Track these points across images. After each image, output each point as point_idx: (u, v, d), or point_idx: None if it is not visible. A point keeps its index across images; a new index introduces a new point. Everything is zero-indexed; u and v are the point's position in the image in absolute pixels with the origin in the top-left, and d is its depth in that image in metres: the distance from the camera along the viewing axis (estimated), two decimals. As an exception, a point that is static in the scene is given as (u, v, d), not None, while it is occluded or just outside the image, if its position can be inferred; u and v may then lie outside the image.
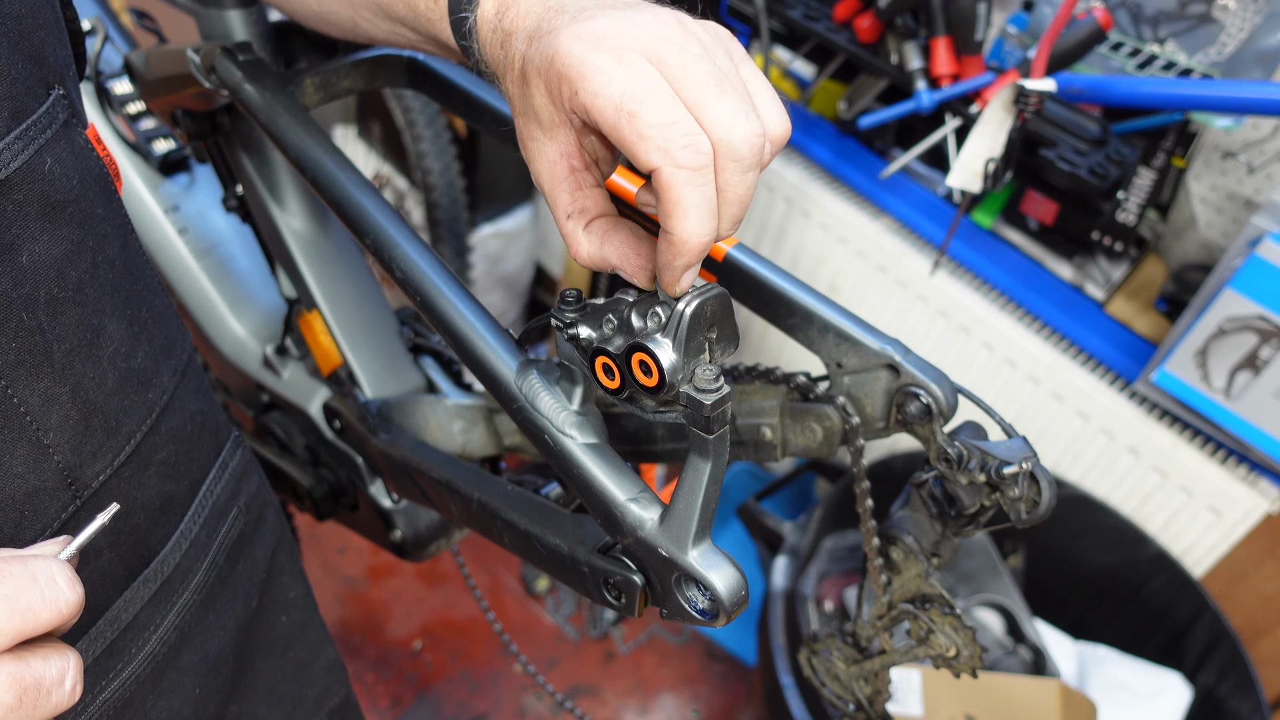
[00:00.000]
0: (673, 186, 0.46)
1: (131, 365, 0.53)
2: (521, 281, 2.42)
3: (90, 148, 0.50)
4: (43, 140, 0.46)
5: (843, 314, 0.68)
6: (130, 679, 0.57)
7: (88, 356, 0.50)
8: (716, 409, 0.51)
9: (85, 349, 0.49)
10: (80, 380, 0.49)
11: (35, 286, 0.46)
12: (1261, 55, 1.31)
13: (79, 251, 0.48)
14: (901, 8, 1.29)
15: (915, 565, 0.70)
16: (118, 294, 0.52)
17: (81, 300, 0.49)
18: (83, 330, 0.49)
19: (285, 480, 1.06)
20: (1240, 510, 1.38)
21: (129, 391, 0.53)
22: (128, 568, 0.56)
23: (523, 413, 0.62)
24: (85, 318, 0.49)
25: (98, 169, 0.51)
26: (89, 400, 0.50)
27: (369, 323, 1.02)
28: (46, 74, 0.47)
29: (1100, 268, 1.57)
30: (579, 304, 0.57)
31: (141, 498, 0.55)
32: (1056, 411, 1.53)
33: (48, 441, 0.48)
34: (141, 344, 0.54)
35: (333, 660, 0.80)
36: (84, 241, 0.48)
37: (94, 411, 0.50)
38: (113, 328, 0.51)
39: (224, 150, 0.98)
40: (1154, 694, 1.46)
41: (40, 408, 0.47)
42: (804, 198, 1.72)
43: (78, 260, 0.48)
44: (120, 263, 0.52)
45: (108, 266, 0.51)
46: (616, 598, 0.62)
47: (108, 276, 0.51)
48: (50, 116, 0.46)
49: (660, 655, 1.95)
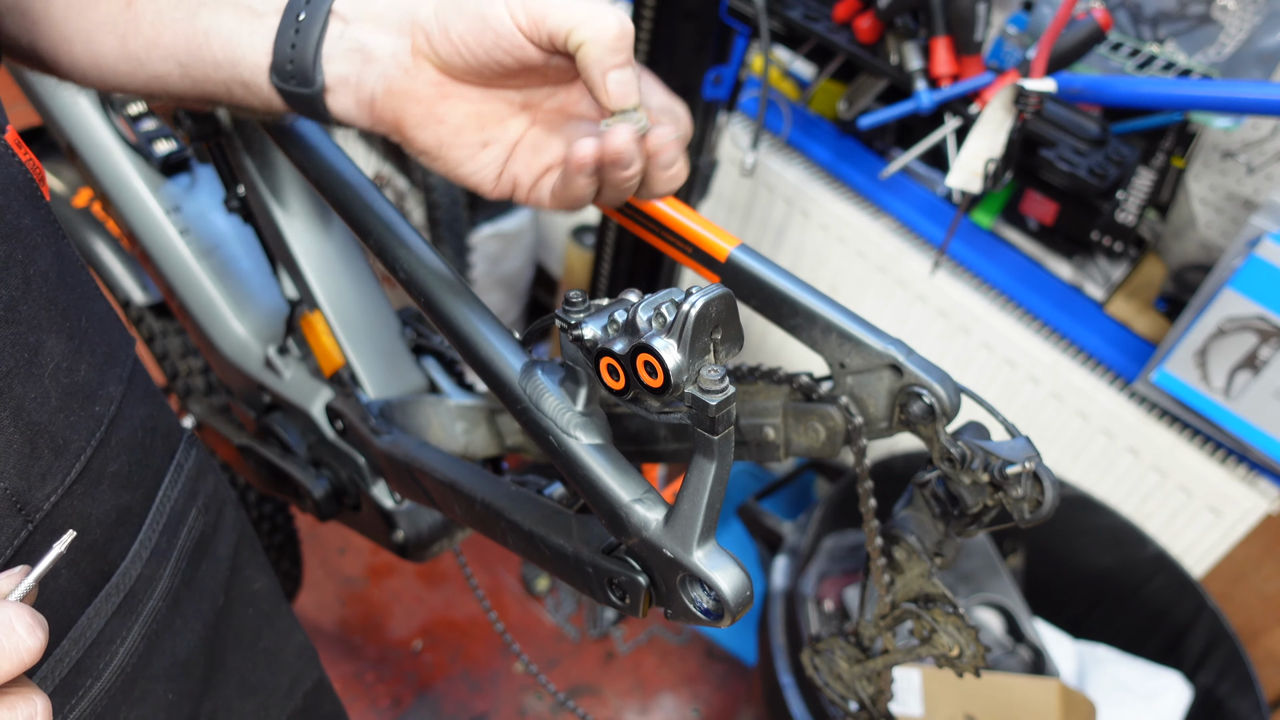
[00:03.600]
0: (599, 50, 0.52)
1: (75, 380, 0.50)
2: (522, 281, 2.42)
3: (11, 153, 0.47)
4: None
5: (845, 314, 0.68)
6: (100, 694, 0.55)
7: (27, 377, 0.47)
8: (722, 410, 0.51)
9: (24, 369, 0.47)
10: (21, 402, 0.47)
11: None
12: (1261, 55, 1.31)
13: (7, 267, 0.45)
14: (901, 8, 1.29)
15: (918, 565, 0.70)
16: (54, 306, 0.49)
17: (15, 319, 0.46)
18: (19, 350, 0.46)
19: (287, 481, 1.06)
20: (1240, 510, 1.38)
21: (74, 407, 0.51)
22: (88, 584, 0.54)
23: (527, 413, 0.62)
24: (21, 336, 0.46)
25: (21, 176, 0.48)
26: (32, 422, 0.47)
27: (371, 323, 1.02)
28: None
29: (1100, 268, 1.57)
30: (584, 304, 0.58)
31: (97, 514, 0.53)
32: (1056, 411, 1.53)
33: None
34: (84, 356, 0.51)
35: (303, 645, 0.79)
36: (12, 256, 0.46)
37: (39, 433, 0.48)
38: (51, 343, 0.48)
39: (225, 151, 0.98)
40: (1154, 694, 1.46)
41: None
42: (804, 198, 1.72)
43: (7, 277, 0.45)
44: (54, 273, 0.49)
45: (40, 279, 0.48)
46: (621, 598, 0.63)
47: (41, 289, 0.48)
48: None
49: (660, 655, 1.95)
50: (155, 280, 1.12)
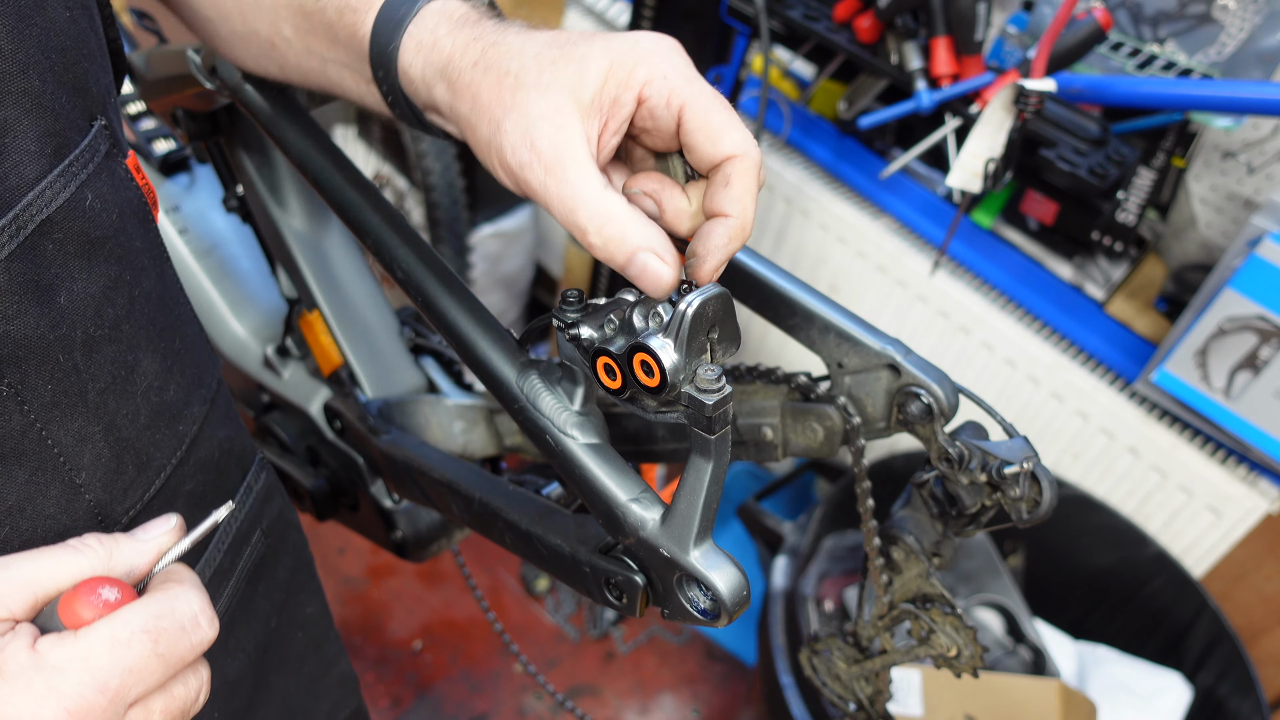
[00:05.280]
0: (753, 170, 0.50)
1: (164, 399, 0.52)
2: (521, 281, 2.42)
3: (130, 178, 0.49)
4: (84, 175, 0.44)
5: (844, 314, 0.68)
6: None
7: (122, 393, 0.48)
8: (718, 409, 0.51)
9: (119, 386, 0.48)
10: (114, 418, 0.48)
11: (72, 327, 0.44)
12: (1261, 55, 1.31)
13: (116, 288, 0.47)
14: (901, 8, 1.29)
15: (916, 565, 0.70)
16: (152, 327, 0.50)
17: (117, 337, 0.47)
18: (117, 368, 0.48)
19: (286, 480, 1.06)
20: (1240, 510, 1.38)
21: (161, 425, 0.52)
22: None
23: (524, 413, 0.62)
24: (120, 355, 0.48)
25: (137, 200, 0.49)
26: (122, 437, 0.49)
27: (370, 323, 1.02)
28: (89, 104, 0.45)
29: (1100, 268, 1.57)
30: (581, 304, 0.57)
31: None
32: (1056, 411, 1.53)
33: (80, 481, 0.47)
34: (174, 376, 0.53)
35: (345, 673, 0.80)
36: (121, 277, 0.47)
37: (126, 448, 0.49)
38: (147, 362, 0.50)
39: (224, 150, 0.98)
40: (1154, 694, 1.46)
41: (74, 448, 0.46)
42: (804, 198, 1.72)
43: (115, 297, 0.47)
44: (156, 295, 0.51)
45: (144, 300, 0.49)
46: (618, 598, 0.62)
47: (144, 310, 0.49)
48: (92, 150, 0.45)
49: (660, 655, 1.95)
50: (154, 280, 1.12)
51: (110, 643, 0.40)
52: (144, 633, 0.41)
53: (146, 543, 0.45)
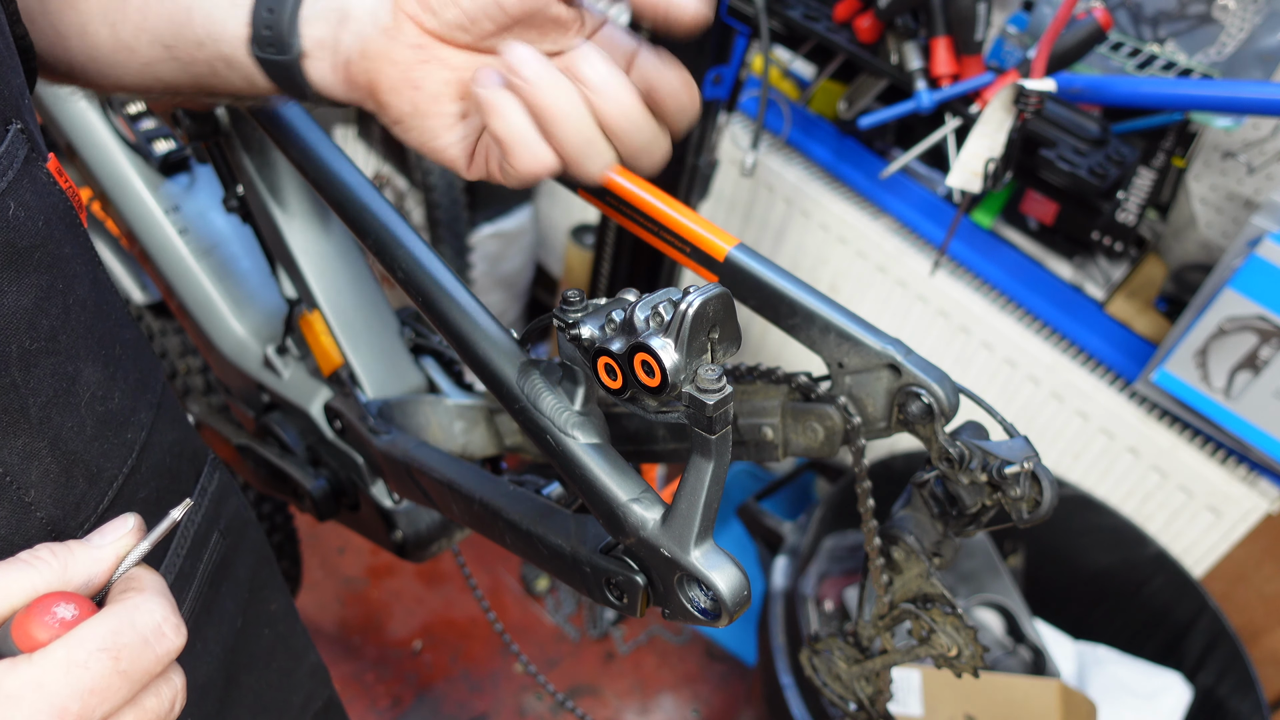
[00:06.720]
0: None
1: (109, 408, 0.50)
2: (521, 281, 2.42)
3: (53, 182, 0.47)
4: (4, 184, 0.42)
5: (844, 314, 0.68)
6: None
7: (65, 406, 0.47)
8: (719, 409, 0.51)
9: (62, 399, 0.46)
10: (59, 432, 0.46)
11: (6, 342, 0.43)
12: (1261, 55, 1.31)
13: (49, 297, 0.45)
14: (901, 8, 1.28)
15: (917, 565, 0.70)
16: (91, 335, 0.49)
17: (55, 349, 0.46)
18: (58, 380, 0.46)
19: (286, 481, 1.06)
20: (1240, 510, 1.38)
21: (109, 435, 0.50)
22: None
23: (525, 413, 0.62)
24: (60, 366, 0.46)
25: (63, 205, 0.47)
26: (69, 451, 0.47)
27: (370, 323, 1.02)
28: (2, 108, 0.43)
29: (1100, 268, 1.57)
30: (581, 304, 0.57)
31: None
32: (1056, 411, 1.53)
33: (29, 499, 0.46)
34: (118, 383, 0.51)
35: (315, 664, 0.79)
36: (54, 286, 0.45)
37: (75, 462, 0.48)
38: (88, 372, 0.48)
39: (225, 150, 0.98)
40: (1154, 694, 1.46)
41: (19, 466, 0.45)
42: (804, 198, 1.72)
43: (49, 307, 0.45)
44: (91, 301, 0.49)
45: (79, 308, 0.47)
46: (619, 598, 0.62)
47: (80, 319, 0.47)
48: (10, 156, 0.43)
49: (660, 655, 1.95)
50: (154, 279, 1.12)
51: (66, 665, 0.38)
52: (102, 651, 0.39)
53: (104, 549, 0.44)
